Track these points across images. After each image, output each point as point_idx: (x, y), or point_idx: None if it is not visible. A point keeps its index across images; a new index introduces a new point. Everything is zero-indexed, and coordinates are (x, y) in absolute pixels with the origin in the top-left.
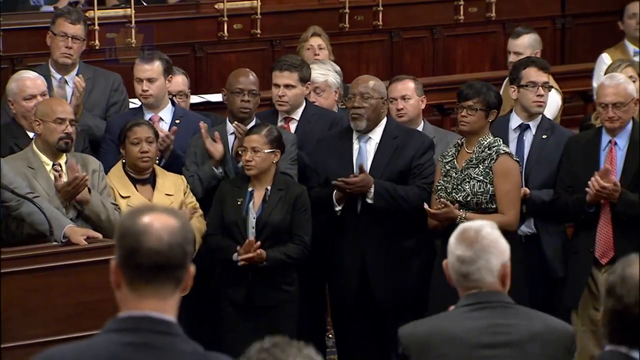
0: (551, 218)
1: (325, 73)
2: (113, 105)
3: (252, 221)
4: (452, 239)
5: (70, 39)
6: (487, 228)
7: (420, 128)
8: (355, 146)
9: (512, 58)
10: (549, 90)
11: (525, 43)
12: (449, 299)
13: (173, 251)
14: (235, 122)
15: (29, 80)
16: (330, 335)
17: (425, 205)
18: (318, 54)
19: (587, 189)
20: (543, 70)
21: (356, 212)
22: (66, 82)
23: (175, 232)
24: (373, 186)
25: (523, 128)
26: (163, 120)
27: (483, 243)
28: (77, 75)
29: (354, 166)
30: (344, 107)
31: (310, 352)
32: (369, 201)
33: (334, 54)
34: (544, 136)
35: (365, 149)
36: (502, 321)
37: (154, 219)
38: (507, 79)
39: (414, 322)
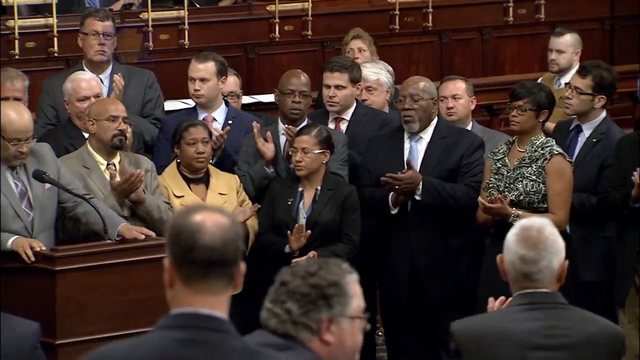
0: (594, 217)
1: (378, 72)
2: (148, 102)
3: (302, 221)
4: (513, 237)
5: (101, 36)
6: (548, 227)
7: (469, 128)
8: (406, 145)
9: (553, 56)
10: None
11: (568, 41)
12: (497, 296)
13: (227, 247)
14: (285, 125)
15: (84, 81)
16: (380, 333)
17: (480, 198)
18: (358, 57)
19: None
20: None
21: (406, 211)
22: (101, 81)
23: (228, 229)
24: (421, 183)
25: (577, 130)
26: (216, 120)
27: (546, 243)
28: (110, 73)
29: (405, 165)
30: (394, 108)
31: (347, 265)
32: (417, 197)
33: (384, 55)
34: (595, 139)
35: (416, 148)
36: (556, 323)
37: (206, 217)
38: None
39: (468, 318)
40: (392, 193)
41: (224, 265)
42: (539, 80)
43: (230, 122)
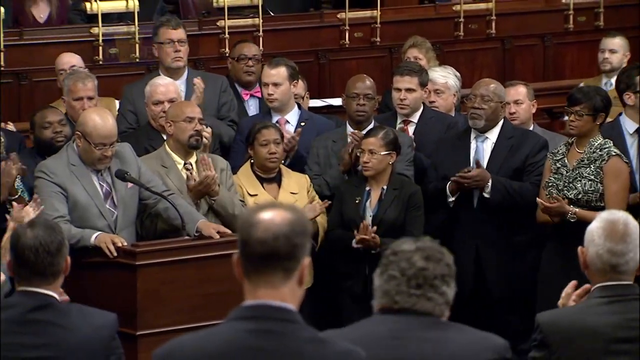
0: None
1: (446, 76)
2: (224, 105)
3: (368, 219)
4: (598, 230)
5: (176, 43)
6: (631, 220)
7: None
8: (473, 145)
9: (606, 55)
10: None
11: (620, 43)
12: (557, 291)
13: (278, 241)
14: (351, 130)
15: (161, 86)
16: None
17: (539, 199)
18: None
19: None
20: None
21: (472, 207)
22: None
23: (284, 225)
24: (490, 181)
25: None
26: (289, 122)
27: (632, 236)
28: (187, 78)
29: (471, 163)
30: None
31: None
32: (486, 195)
33: (449, 60)
34: None
35: (482, 148)
36: (637, 315)
37: (268, 213)
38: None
39: (553, 310)
40: (449, 182)
41: (277, 260)
42: (581, 84)
43: (302, 124)
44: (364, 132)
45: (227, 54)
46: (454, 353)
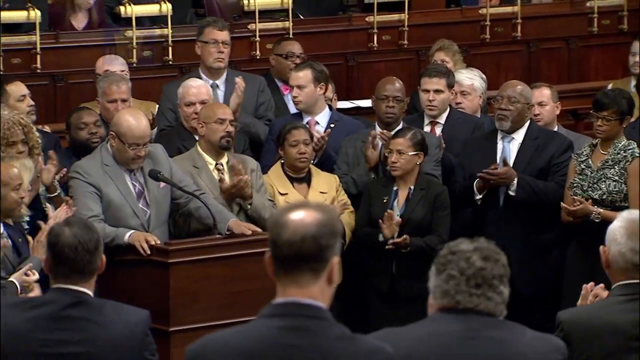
0: None
1: (472, 77)
2: (261, 105)
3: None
4: (621, 230)
5: (221, 44)
6: None
7: None
8: (500, 145)
9: (637, 58)
10: None
11: None
12: (580, 288)
13: (306, 243)
14: (379, 130)
15: (193, 88)
16: None
17: (562, 204)
18: None
19: None
20: None
21: (498, 205)
22: (217, 86)
23: (312, 226)
24: (516, 179)
25: None
26: (319, 123)
27: None
28: (226, 79)
29: (499, 161)
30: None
31: None
32: (511, 193)
33: (475, 62)
34: None
35: (509, 148)
36: None
37: (297, 213)
38: (633, 84)
39: (574, 308)
40: (477, 180)
41: (304, 261)
42: (609, 87)
43: (332, 125)
44: (392, 132)
45: (258, 56)
46: (525, 354)
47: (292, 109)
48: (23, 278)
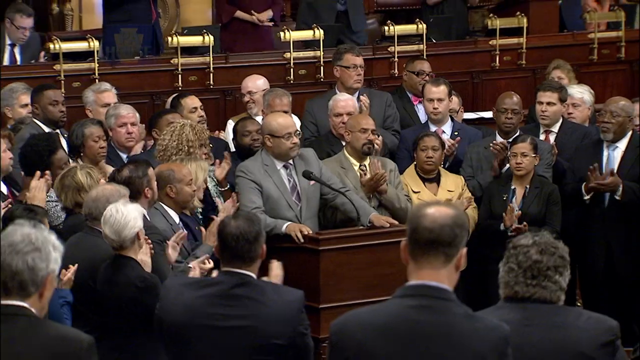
0: None
1: (582, 92)
2: (388, 118)
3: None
4: None
5: (359, 67)
6: None
7: None
8: (605, 153)
9: None
10: None
11: None
12: None
13: (443, 230)
14: (495, 141)
15: (341, 101)
16: (579, 304)
17: None
18: None
19: None
20: None
21: (603, 206)
22: None
23: (446, 216)
24: (621, 186)
25: None
26: (445, 132)
27: None
28: (357, 95)
29: (603, 168)
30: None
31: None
32: (617, 197)
33: (584, 80)
34: None
35: (613, 155)
36: None
37: (434, 207)
38: None
39: None
40: (584, 183)
41: (440, 245)
42: None
43: (455, 133)
44: (509, 140)
45: (396, 74)
46: (578, 337)
47: (422, 117)
48: (201, 266)
